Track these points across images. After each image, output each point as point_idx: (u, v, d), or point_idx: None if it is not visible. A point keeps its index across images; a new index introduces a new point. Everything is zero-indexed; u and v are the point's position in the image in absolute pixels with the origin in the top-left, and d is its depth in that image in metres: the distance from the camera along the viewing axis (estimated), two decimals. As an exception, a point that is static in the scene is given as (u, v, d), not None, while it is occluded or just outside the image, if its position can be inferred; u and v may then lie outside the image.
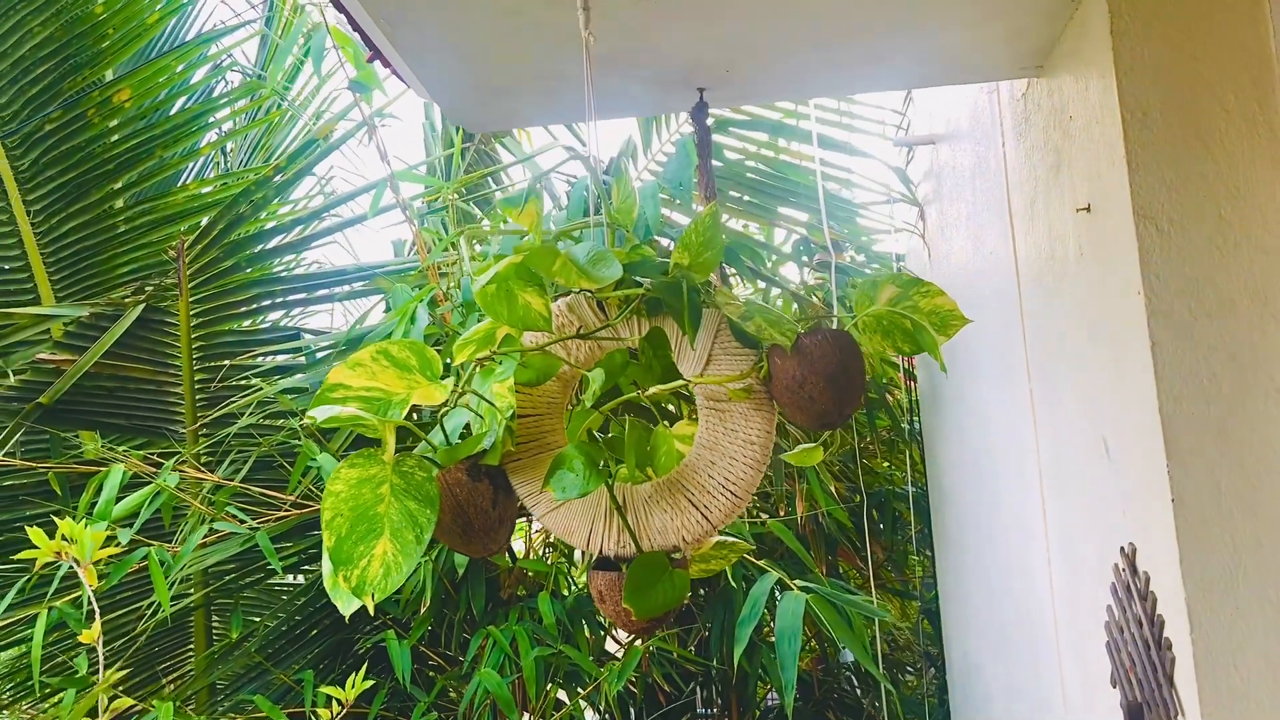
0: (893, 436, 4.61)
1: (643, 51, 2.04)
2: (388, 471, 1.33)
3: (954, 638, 3.87)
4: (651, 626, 1.40)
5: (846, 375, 1.37)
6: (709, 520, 1.41)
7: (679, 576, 1.36)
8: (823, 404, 1.36)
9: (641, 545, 1.41)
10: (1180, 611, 1.68)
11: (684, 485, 1.43)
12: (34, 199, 3.74)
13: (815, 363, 1.35)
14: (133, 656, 3.63)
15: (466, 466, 1.45)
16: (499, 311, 1.33)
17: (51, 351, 3.35)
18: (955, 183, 3.28)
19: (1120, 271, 1.83)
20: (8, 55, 3.64)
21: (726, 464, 1.42)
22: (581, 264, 1.33)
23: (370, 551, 1.31)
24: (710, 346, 1.43)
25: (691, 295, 1.36)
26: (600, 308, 1.47)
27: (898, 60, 2.25)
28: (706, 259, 1.41)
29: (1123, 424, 1.90)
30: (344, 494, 1.32)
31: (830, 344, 1.37)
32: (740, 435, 1.41)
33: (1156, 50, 1.80)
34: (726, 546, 1.58)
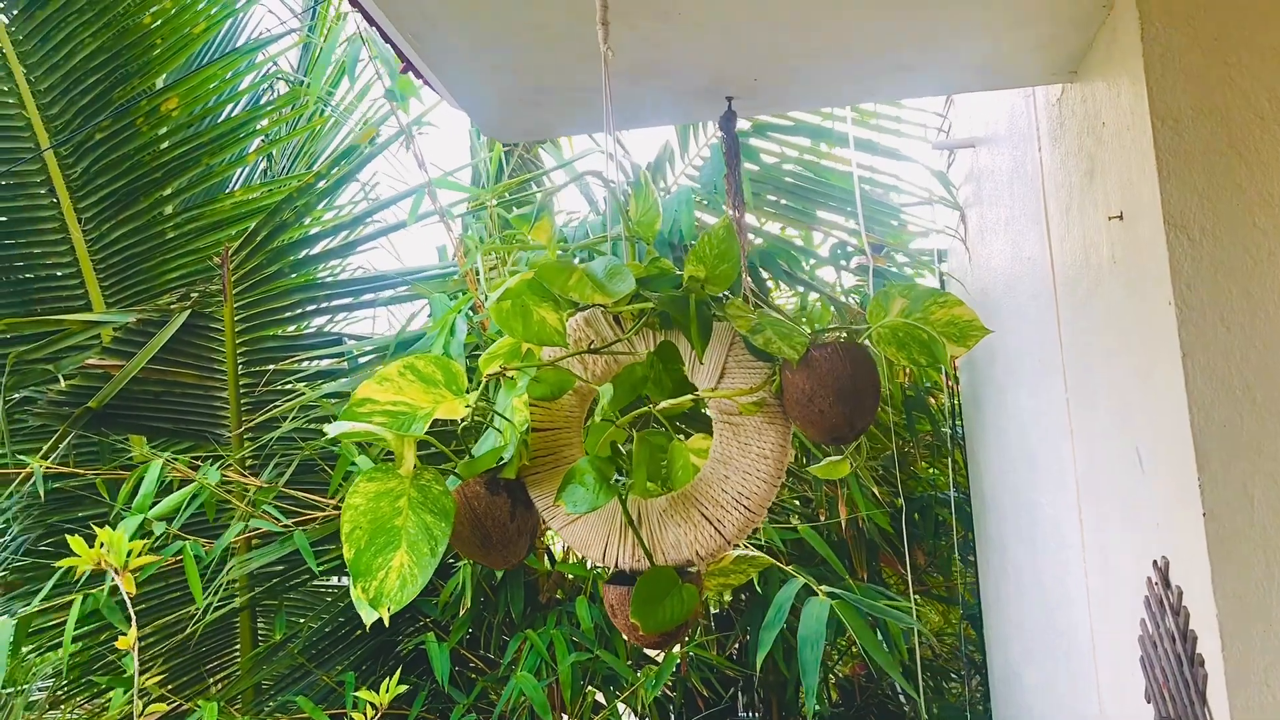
0: (935, 441, 4.57)
1: (668, 63, 2.04)
2: (406, 485, 1.35)
3: (995, 645, 3.83)
4: (664, 640, 1.40)
5: (857, 389, 1.35)
6: (722, 535, 1.40)
7: (688, 592, 1.36)
8: (833, 418, 1.34)
9: (655, 559, 1.41)
10: (1212, 628, 1.65)
11: (698, 499, 1.43)
12: (85, 206, 3.83)
13: (824, 377, 1.34)
14: (180, 657, 3.71)
15: (485, 480, 1.46)
16: (514, 327, 1.35)
17: (100, 357, 3.43)
18: (994, 187, 3.24)
19: (1151, 280, 1.80)
20: (59, 67, 3.73)
21: (740, 478, 1.41)
22: (598, 279, 1.34)
23: (388, 564, 1.33)
24: (724, 360, 1.42)
25: (700, 309, 1.36)
26: (617, 322, 1.48)
27: (927, 68, 2.22)
28: (723, 271, 1.40)
29: (1154, 434, 1.87)
30: (362, 507, 1.34)
31: (840, 357, 1.35)
32: (754, 449, 1.40)
33: (1188, 56, 1.77)
34: (746, 560, 1.58)
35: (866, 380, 1.37)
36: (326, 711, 2.90)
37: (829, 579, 3.14)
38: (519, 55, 1.98)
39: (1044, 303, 2.61)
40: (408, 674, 3.25)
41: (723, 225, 1.41)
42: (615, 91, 2.05)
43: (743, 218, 2.19)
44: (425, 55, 2.00)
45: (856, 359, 1.37)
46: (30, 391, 3.46)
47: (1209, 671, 1.67)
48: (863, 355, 1.38)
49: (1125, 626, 2.09)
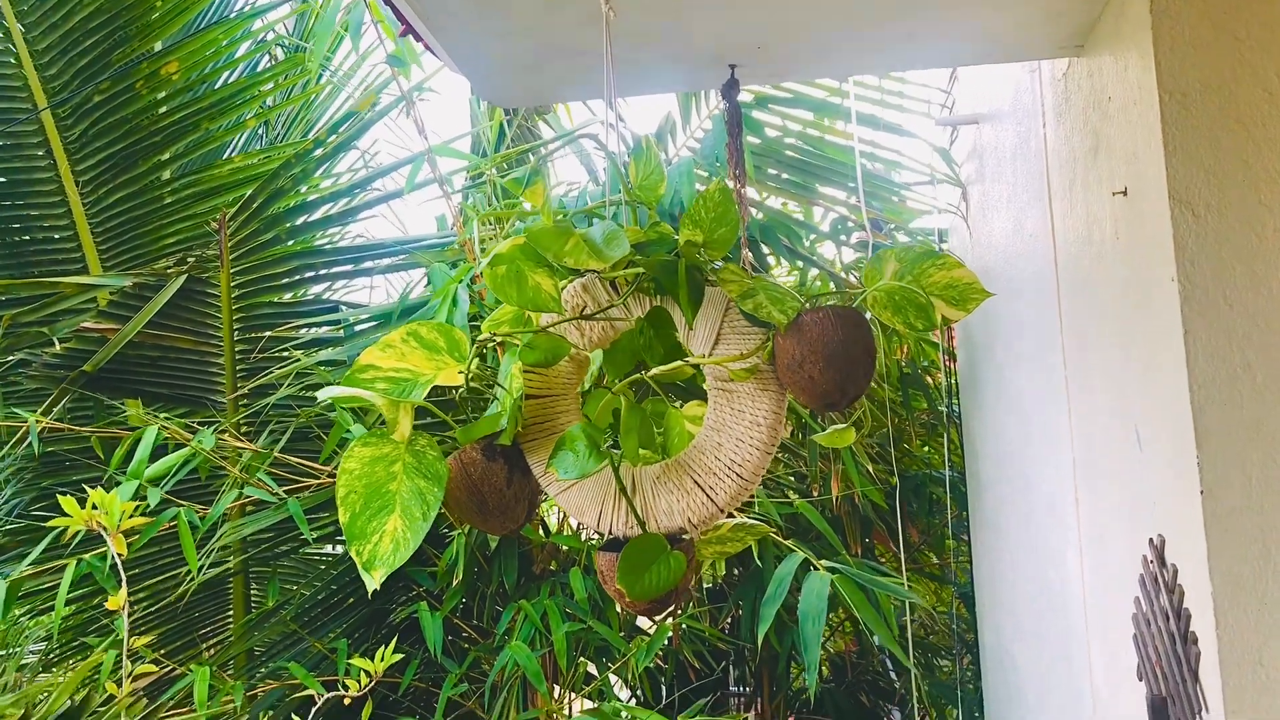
0: (931, 420, 4.57)
1: (672, 28, 2.02)
2: (401, 450, 1.35)
3: (988, 623, 3.83)
4: (655, 607, 1.39)
5: (848, 354, 1.32)
6: (714, 502, 1.39)
7: (676, 559, 1.35)
8: (823, 384, 1.32)
9: (648, 526, 1.41)
10: (1206, 606, 1.65)
11: (691, 467, 1.42)
12: (83, 169, 3.80)
13: (814, 342, 1.31)
14: (173, 621, 3.72)
15: (482, 446, 1.46)
16: (509, 294, 1.33)
17: (96, 320, 3.41)
18: (997, 163, 3.22)
19: (1155, 257, 1.79)
20: (58, 26, 3.69)
21: (733, 446, 1.40)
22: (595, 243, 1.32)
23: (382, 528, 1.33)
24: (719, 326, 1.41)
25: (691, 274, 1.34)
26: (614, 288, 1.46)
27: (932, 39, 2.20)
28: (721, 236, 1.39)
29: (1154, 413, 1.86)
30: (357, 471, 1.34)
31: (830, 322, 1.33)
32: (747, 417, 1.39)
33: (1197, 30, 1.75)
34: (745, 529, 1.57)
35: (858, 345, 1.34)
36: (319, 678, 2.90)
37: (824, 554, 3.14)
38: (521, 18, 1.96)
39: (1045, 280, 2.60)
40: (400, 643, 3.25)
41: (717, 188, 1.38)
42: (617, 57, 2.02)
43: (744, 188, 2.17)
44: (425, 17, 1.97)
45: (847, 323, 1.34)
46: (25, 354, 3.45)
47: (1202, 650, 1.67)
48: (854, 320, 1.35)
49: (1119, 605, 2.09)
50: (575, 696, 3.41)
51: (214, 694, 2.91)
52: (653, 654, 3.00)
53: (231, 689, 2.96)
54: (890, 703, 4.70)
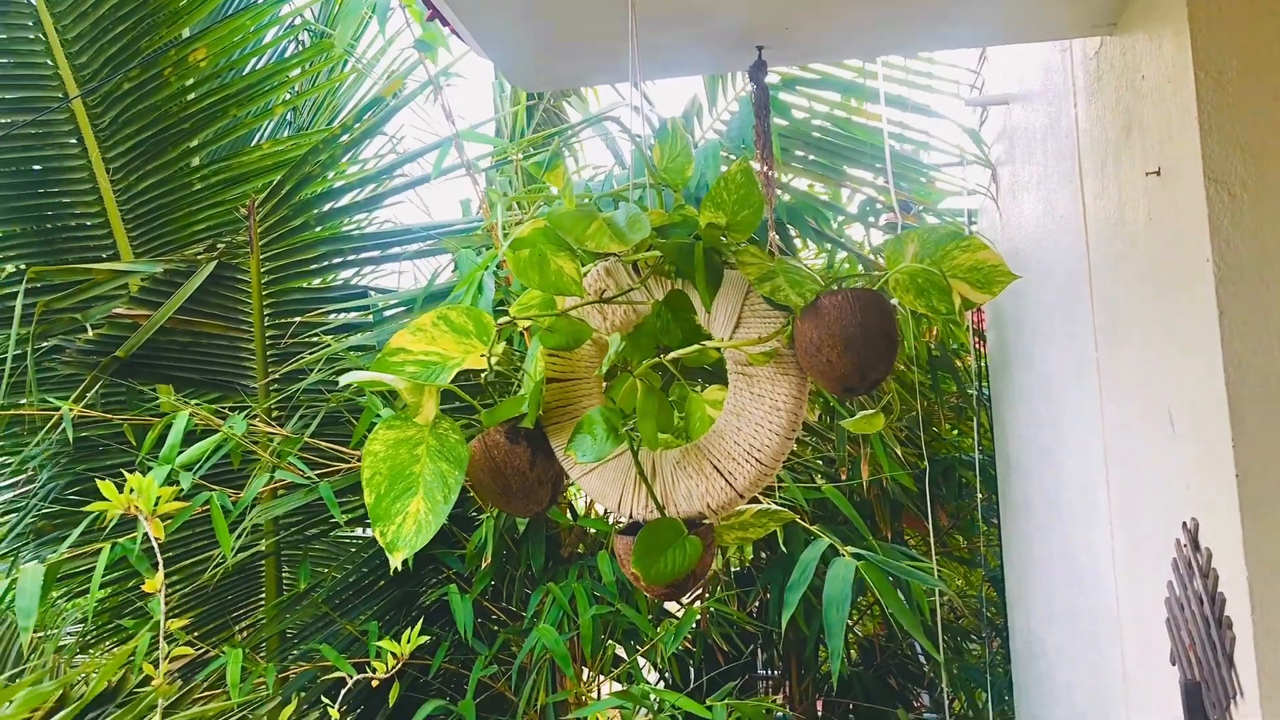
0: (960, 402, 4.54)
1: (698, 10, 2.00)
2: (425, 433, 1.35)
3: (1017, 607, 3.81)
4: (671, 591, 1.39)
5: (867, 338, 1.29)
6: (733, 487, 1.38)
7: (691, 544, 1.35)
8: (841, 368, 1.29)
9: (667, 511, 1.40)
10: (1242, 590, 1.63)
11: (710, 451, 1.41)
12: (113, 156, 3.83)
13: (831, 325, 1.29)
14: (207, 604, 3.76)
15: (505, 429, 1.46)
16: (531, 277, 1.33)
17: (128, 307, 3.44)
18: (1027, 144, 3.19)
19: (1189, 238, 1.76)
20: (88, 15, 3.71)
21: (753, 430, 1.38)
22: (618, 226, 1.32)
23: (405, 509, 1.34)
24: (739, 309, 1.39)
25: (708, 257, 1.33)
26: (636, 271, 1.46)
27: (963, 19, 2.17)
28: (744, 218, 1.37)
29: (1188, 395, 1.84)
30: (382, 454, 1.34)
31: (848, 304, 1.30)
32: (767, 401, 1.37)
33: (1234, 6, 1.71)
34: (768, 514, 1.57)
35: (878, 328, 1.31)
36: (350, 660, 2.93)
37: (851, 539, 3.13)
38: (547, 1, 1.95)
39: (1076, 261, 2.57)
40: (430, 625, 3.28)
41: (740, 168, 1.36)
42: (643, 40, 2.01)
43: (771, 170, 2.16)
44: (452, 1, 1.97)
45: (866, 306, 1.31)
46: (59, 340, 3.49)
47: (1237, 634, 1.65)
48: (873, 302, 1.32)
49: (1151, 589, 2.07)
50: (604, 679, 3.42)
51: (246, 676, 2.95)
52: (680, 638, 3.00)
53: (264, 671, 2.99)
54: (919, 686, 4.69)
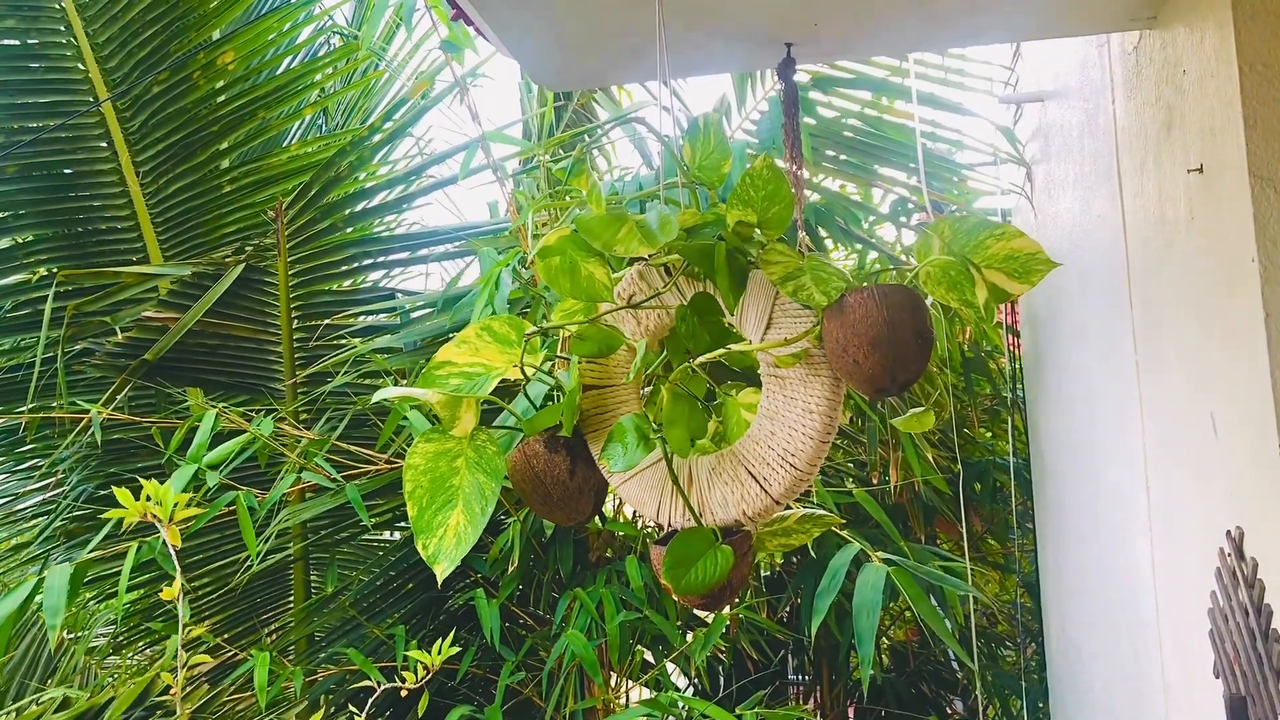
0: (995, 405, 4.47)
1: (726, 7, 1.97)
2: (464, 445, 1.35)
3: (1053, 613, 3.75)
4: (709, 602, 1.35)
5: (895, 337, 1.22)
6: (769, 494, 1.34)
7: (723, 554, 1.31)
8: (869, 369, 1.23)
9: (704, 518, 1.37)
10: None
11: (745, 457, 1.37)
12: (143, 160, 3.84)
13: (856, 324, 1.23)
14: (236, 606, 3.77)
15: (544, 438, 1.44)
16: (562, 285, 1.31)
17: (157, 310, 3.45)
18: (1063, 142, 3.13)
19: (1233, 237, 1.71)
20: (117, 19, 3.73)
21: (786, 434, 1.34)
22: (650, 228, 1.28)
23: (445, 522, 1.33)
24: (770, 309, 1.34)
25: (731, 257, 1.28)
26: (668, 273, 1.42)
27: (997, 13, 2.12)
28: (775, 214, 1.32)
29: (1232, 400, 1.78)
30: (422, 467, 1.34)
31: (873, 303, 1.23)
32: (799, 404, 1.32)
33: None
34: (811, 520, 1.52)
35: (906, 326, 1.24)
36: (377, 664, 2.92)
37: (883, 542, 3.08)
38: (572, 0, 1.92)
39: (1114, 262, 2.51)
40: (458, 629, 3.26)
41: (765, 164, 1.31)
42: (670, 38, 1.98)
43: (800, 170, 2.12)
44: (477, 1, 1.94)
45: (894, 303, 1.25)
46: (88, 343, 3.50)
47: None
48: (902, 299, 1.26)
49: (1193, 599, 2.01)
50: (632, 684, 3.39)
51: (274, 679, 2.94)
52: (710, 646, 2.97)
53: (291, 674, 2.99)
54: (952, 693, 4.63)
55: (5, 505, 4.01)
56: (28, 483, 3.98)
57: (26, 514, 3.96)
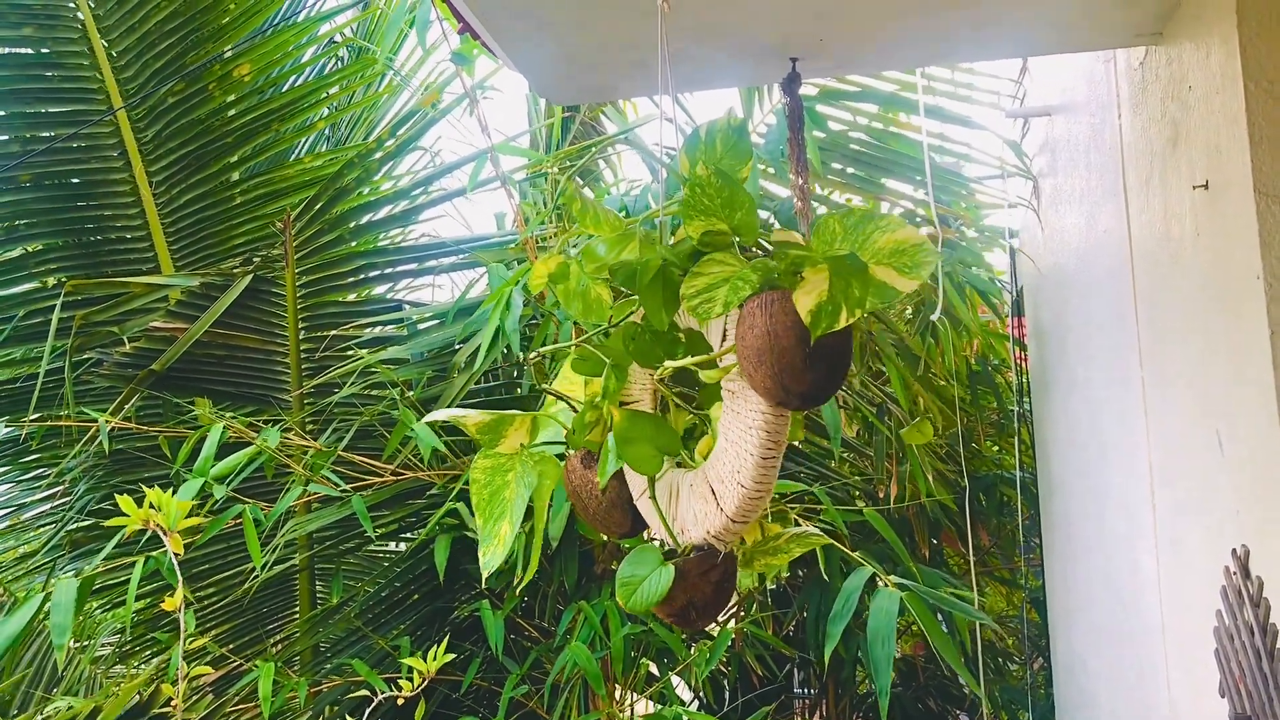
0: (1002, 419, 4.46)
1: (731, 22, 1.97)
2: (514, 461, 1.45)
3: (1060, 629, 3.73)
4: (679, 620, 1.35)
5: (777, 346, 1.15)
6: (724, 512, 1.29)
7: (664, 574, 1.30)
8: (760, 381, 1.17)
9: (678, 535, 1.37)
10: (1295, 621, 1.57)
11: (709, 473, 1.35)
12: (156, 170, 3.86)
13: (744, 335, 1.17)
14: (241, 616, 3.77)
15: (582, 454, 1.48)
16: (575, 307, 1.32)
17: (165, 320, 3.46)
18: (1070, 156, 3.12)
19: (1239, 253, 1.70)
20: (135, 29, 3.75)
21: (735, 451, 1.30)
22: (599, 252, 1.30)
23: (498, 533, 1.40)
24: (725, 321, 1.30)
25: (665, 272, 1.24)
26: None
27: (1004, 27, 2.12)
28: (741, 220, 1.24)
29: (1238, 417, 1.77)
30: (483, 481, 1.45)
31: (757, 311, 1.16)
32: (743, 419, 1.28)
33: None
34: (797, 540, 1.51)
35: (789, 334, 1.16)
36: (382, 675, 2.91)
37: (889, 559, 3.06)
38: (576, 13, 1.93)
39: (1120, 277, 2.50)
40: (462, 641, 3.25)
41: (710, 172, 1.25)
42: (676, 52, 1.99)
43: (806, 183, 2.12)
44: (482, 15, 1.95)
45: (774, 311, 1.17)
46: (96, 353, 3.51)
47: (1290, 667, 1.59)
48: (781, 305, 1.17)
49: (1199, 617, 2.00)
50: (637, 697, 3.38)
51: (278, 690, 2.94)
52: (715, 662, 2.95)
53: (296, 685, 2.98)
54: (959, 708, 4.60)
55: (12, 514, 4.03)
56: (34, 492, 4.00)
57: (33, 523, 3.97)
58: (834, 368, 1.19)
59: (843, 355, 1.21)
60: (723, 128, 1.40)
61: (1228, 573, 1.82)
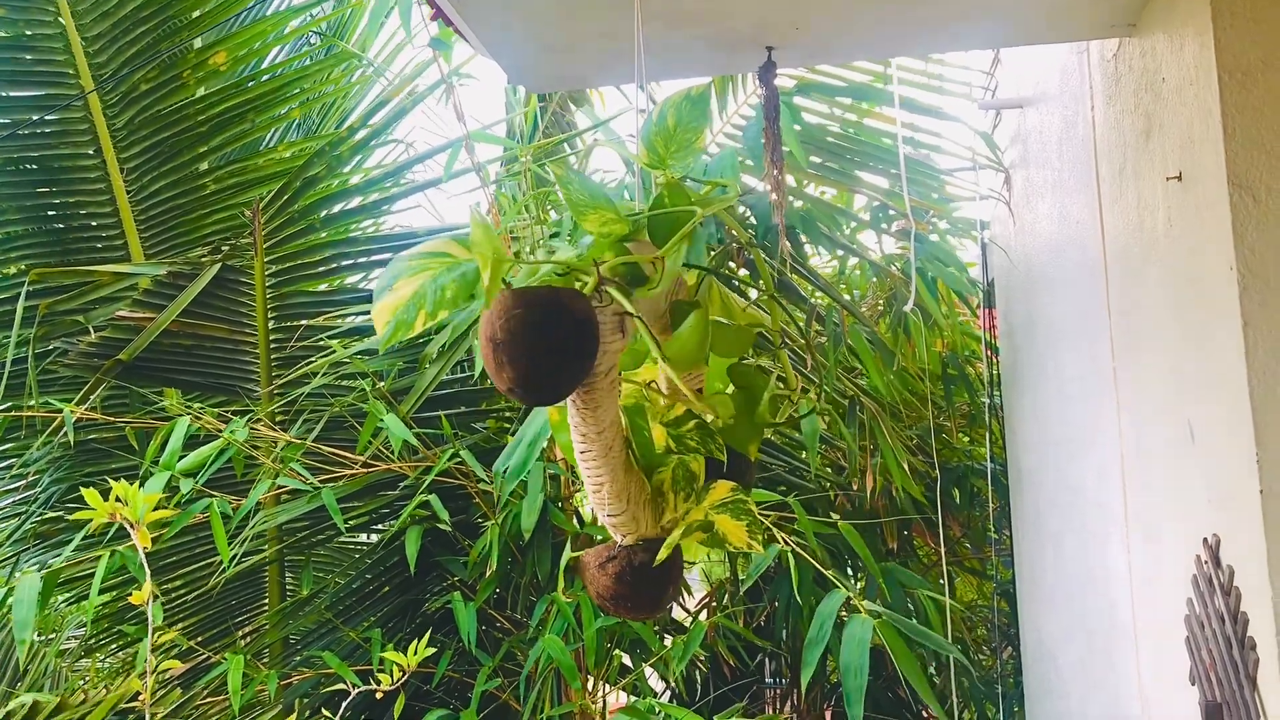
0: (973, 410, 4.48)
1: (706, 9, 1.96)
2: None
3: (1029, 619, 3.76)
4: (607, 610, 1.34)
5: (508, 338, 1.10)
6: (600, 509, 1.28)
7: None
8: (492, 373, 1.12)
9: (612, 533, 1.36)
10: (1266, 609, 1.58)
11: None
12: (128, 157, 3.81)
13: (483, 327, 1.13)
14: (210, 609, 3.73)
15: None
16: None
17: (132, 309, 3.41)
18: (1042, 148, 3.14)
19: (1212, 245, 1.71)
20: (110, 14, 3.69)
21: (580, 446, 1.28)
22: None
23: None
24: None
25: None
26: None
27: (978, 18, 2.13)
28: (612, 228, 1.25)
29: (1210, 407, 1.78)
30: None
31: (495, 305, 1.12)
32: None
33: (1261, 6, 1.66)
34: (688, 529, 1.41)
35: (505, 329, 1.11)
36: (353, 667, 2.89)
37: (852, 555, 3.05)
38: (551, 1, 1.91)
39: (1092, 269, 2.52)
40: (434, 633, 3.23)
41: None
42: (650, 40, 1.97)
43: (782, 174, 2.11)
44: (457, 1, 1.93)
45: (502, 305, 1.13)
46: (61, 342, 3.46)
47: (1260, 655, 1.60)
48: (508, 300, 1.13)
49: (1170, 606, 2.02)
50: (610, 689, 3.37)
51: (248, 682, 2.91)
52: (689, 656, 2.95)
53: (266, 678, 2.96)
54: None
55: (-25, 506, 3.96)
56: (-1, 484, 3.94)
57: (-2, 514, 3.91)
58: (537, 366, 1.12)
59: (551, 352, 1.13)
60: (675, 102, 1.34)
61: (1199, 561, 1.84)
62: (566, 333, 1.11)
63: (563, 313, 1.12)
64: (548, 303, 1.11)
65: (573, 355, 1.13)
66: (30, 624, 2.24)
